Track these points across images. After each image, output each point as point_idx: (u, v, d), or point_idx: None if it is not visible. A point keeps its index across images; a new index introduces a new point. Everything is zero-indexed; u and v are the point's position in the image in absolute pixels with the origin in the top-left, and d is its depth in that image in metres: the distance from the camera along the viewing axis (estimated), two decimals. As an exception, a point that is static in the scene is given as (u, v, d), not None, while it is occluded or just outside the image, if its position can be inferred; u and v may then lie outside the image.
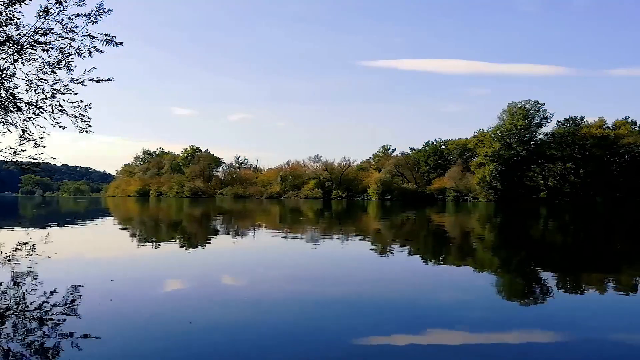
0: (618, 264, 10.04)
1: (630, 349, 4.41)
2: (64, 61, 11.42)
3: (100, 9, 11.14)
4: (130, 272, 8.18)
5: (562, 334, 4.75)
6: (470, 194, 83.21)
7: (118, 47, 11.61)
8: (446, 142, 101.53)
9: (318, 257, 10.55)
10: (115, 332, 4.58)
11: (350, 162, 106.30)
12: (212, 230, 18.99)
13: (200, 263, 9.52)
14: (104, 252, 11.17)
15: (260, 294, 6.42)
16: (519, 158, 78.87)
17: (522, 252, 12.21)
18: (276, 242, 14.14)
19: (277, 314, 5.35)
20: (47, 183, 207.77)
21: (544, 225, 23.53)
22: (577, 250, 12.94)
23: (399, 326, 4.92)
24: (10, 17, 10.65)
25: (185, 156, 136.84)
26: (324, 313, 5.46)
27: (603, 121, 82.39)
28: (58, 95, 11.57)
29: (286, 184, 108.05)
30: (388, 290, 6.82)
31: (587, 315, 5.61)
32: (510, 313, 5.64)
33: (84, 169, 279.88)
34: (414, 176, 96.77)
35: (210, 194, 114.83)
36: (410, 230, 19.98)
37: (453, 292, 6.82)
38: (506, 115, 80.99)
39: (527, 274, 8.47)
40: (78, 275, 7.50)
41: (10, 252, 9.91)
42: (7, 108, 11.59)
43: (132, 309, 5.51)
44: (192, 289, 6.83)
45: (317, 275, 8.14)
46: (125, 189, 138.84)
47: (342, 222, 24.81)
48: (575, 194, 78.41)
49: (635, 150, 78.50)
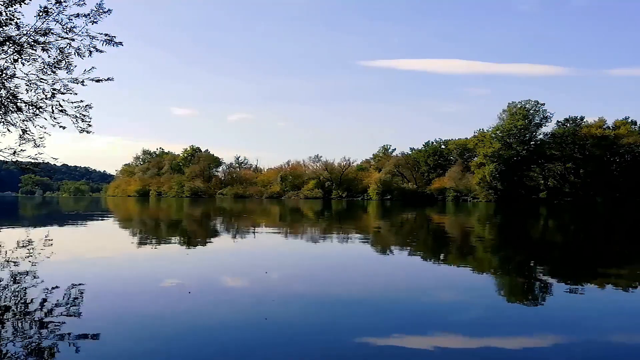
0: (618, 264, 10.03)
1: (631, 349, 4.41)
2: (64, 61, 11.44)
3: (100, 9, 11.16)
4: (130, 272, 8.18)
5: (562, 335, 4.75)
6: (470, 194, 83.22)
7: (118, 47, 11.65)
8: (446, 142, 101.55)
9: (318, 257, 10.55)
10: (115, 332, 4.58)
11: (350, 162, 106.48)
12: (212, 230, 18.99)
13: (200, 263, 9.51)
14: (104, 252, 11.17)
15: (260, 294, 6.42)
16: (519, 158, 78.89)
17: (522, 252, 12.21)
18: (276, 242, 14.14)
19: (277, 314, 5.35)
20: (47, 183, 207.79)
21: (544, 225, 23.52)
22: (577, 250, 12.93)
23: (399, 327, 4.91)
24: (10, 17, 10.66)
25: (185, 156, 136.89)
26: (324, 313, 5.46)
27: (603, 121, 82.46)
28: (58, 95, 11.59)
29: (286, 184, 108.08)
30: (388, 290, 6.82)
31: (587, 315, 5.60)
32: (509, 313, 5.64)
33: (84, 169, 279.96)
34: (414, 176, 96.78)
35: (210, 194, 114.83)
36: (410, 230, 19.97)
37: (453, 292, 6.82)
38: (506, 115, 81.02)
39: (527, 274, 8.47)
40: (78, 275, 7.50)
41: (10, 252, 9.91)
42: (7, 108, 11.60)
43: (132, 309, 5.51)
44: (192, 288, 6.83)
45: (317, 275, 8.14)
46: (125, 189, 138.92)
47: (342, 222, 24.81)
48: (575, 194, 78.43)
49: (635, 150, 78.53)
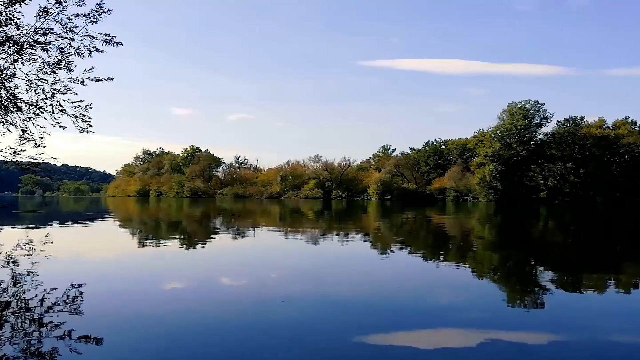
0: (618, 264, 10.03)
1: (631, 349, 4.41)
2: (64, 61, 11.42)
3: (100, 9, 11.14)
4: (130, 272, 8.18)
5: (562, 335, 4.75)
6: (470, 194, 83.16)
7: (118, 46, 11.62)
8: (446, 142, 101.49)
9: (318, 257, 10.55)
10: (115, 332, 4.58)
11: (350, 162, 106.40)
12: (212, 230, 18.99)
13: (200, 263, 9.52)
14: (104, 252, 11.17)
15: (260, 294, 6.42)
16: (519, 158, 78.82)
17: (521, 252, 12.21)
18: (276, 242, 14.13)
19: (277, 314, 5.35)
20: (47, 183, 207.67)
21: (544, 225, 23.52)
22: (577, 250, 12.93)
23: (399, 327, 4.91)
24: (10, 17, 10.65)
25: (185, 156, 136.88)
26: (324, 314, 5.46)
27: (603, 121, 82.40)
28: (58, 95, 11.57)
29: (286, 184, 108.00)
30: (388, 290, 6.82)
31: (587, 315, 5.60)
32: (509, 313, 5.64)
33: (84, 169, 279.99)
34: (414, 176, 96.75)
35: (210, 194, 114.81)
36: (410, 230, 19.97)
37: (453, 292, 6.82)
38: (506, 115, 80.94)
39: (527, 274, 8.47)
40: (78, 275, 7.50)
41: (10, 252, 9.91)
42: (7, 108, 11.59)
43: (132, 309, 5.51)
44: (192, 289, 6.83)
45: (317, 276, 8.13)
46: (125, 189, 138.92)
47: (342, 222, 24.80)
48: (575, 194, 78.39)
49: (635, 150, 78.47)
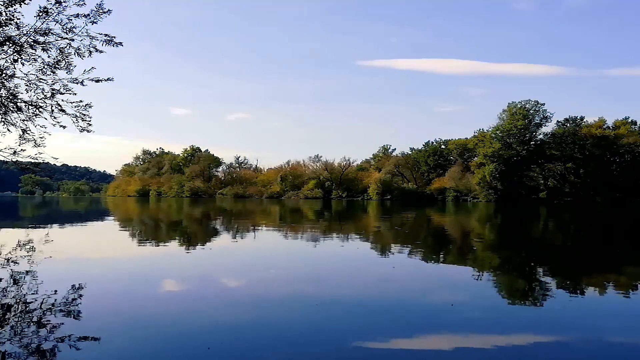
0: (618, 264, 10.03)
1: (630, 349, 4.41)
2: (64, 61, 11.42)
3: (100, 9, 11.14)
4: (130, 273, 8.18)
5: (562, 335, 4.75)
6: (470, 194, 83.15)
7: (118, 47, 11.62)
8: (446, 142, 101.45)
9: (318, 258, 10.55)
10: (115, 332, 4.58)
11: (350, 162, 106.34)
12: (212, 230, 18.99)
13: (200, 263, 9.51)
14: (104, 252, 11.17)
15: (260, 294, 6.42)
16: (519, 158, 78.82)
17: (521, 252, 12.21)
18: (276, 242, 14.13)
19: (277, 315, 5.35)
20: (47, 183, 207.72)
21: (544, 225, 23.52)
22: (577, 250, 12.93)
23: (399, 327, 4.92)
24: (10, 17, 10.65)
25: (185, 156, 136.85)
26: (324, 315, 5.46)
27: (603, 121, 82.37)
28: (58, 95, 11.58)
29: (286, 184, 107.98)
30: (388, 291, 6.82)
31: (587, 315, 5.61)
32: (509, 313, 5.64)
33: (84, 169, 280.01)
34: (414, 176, 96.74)
35: (210, 194, 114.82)
36: (410, 230, 19.96)
37: (453, 292, 6.82)
38: (506, 115, 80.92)
39: (527, 274, 8.47)
40: (78, 275, 7.50)
41: (10, 252, 9.91)
42: (7, 108, 11.59)
43: (131, 309, 5.51)
44: (192, 289, 6.83)
45: (317, 276, 8.14)
46: (125, 189, 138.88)
47: (342, 222, 24.80)
48: (575, 194, 78.37)
49: (635, 150, 78.46)
